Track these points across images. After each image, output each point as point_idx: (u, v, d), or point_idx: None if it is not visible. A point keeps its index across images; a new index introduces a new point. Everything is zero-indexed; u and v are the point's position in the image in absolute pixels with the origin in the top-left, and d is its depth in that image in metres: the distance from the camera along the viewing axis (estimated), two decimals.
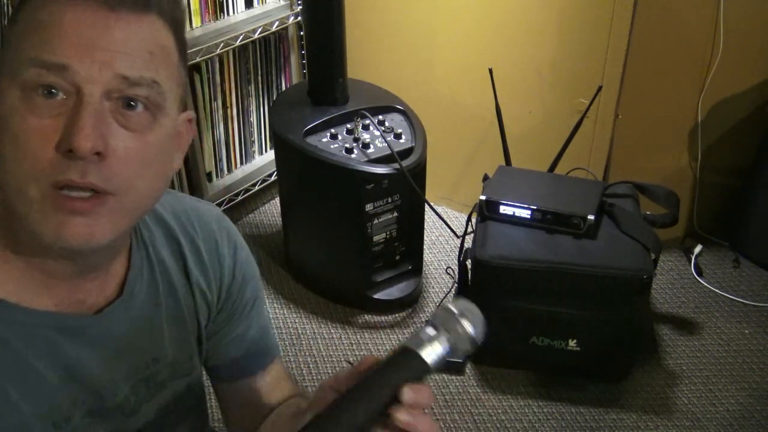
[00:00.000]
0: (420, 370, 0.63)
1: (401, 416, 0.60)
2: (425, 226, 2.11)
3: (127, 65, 0.64)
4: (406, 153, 1.91)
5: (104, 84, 0.63)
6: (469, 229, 2.02)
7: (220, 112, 2.29)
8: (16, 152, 0.63)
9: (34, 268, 0.70)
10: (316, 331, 2.01)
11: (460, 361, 1.86)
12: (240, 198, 2.38)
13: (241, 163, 2.44)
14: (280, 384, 0.94)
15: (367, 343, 1.96)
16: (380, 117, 2.01)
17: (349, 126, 1.96)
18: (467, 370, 1.88)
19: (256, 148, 2.48)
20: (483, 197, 1.82)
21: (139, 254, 0.80)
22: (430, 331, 0.64)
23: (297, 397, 0.94)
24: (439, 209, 2.21)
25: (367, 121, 1.97)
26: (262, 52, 2.38)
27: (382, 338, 1.98)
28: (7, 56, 0.66)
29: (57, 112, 0.62)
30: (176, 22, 0.70)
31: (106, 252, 0.72)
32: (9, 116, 0.63)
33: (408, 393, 0.61)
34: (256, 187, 2.43)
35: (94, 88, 0.62)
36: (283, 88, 2.49)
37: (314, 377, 1.86)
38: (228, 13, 2.23)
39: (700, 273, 2.22)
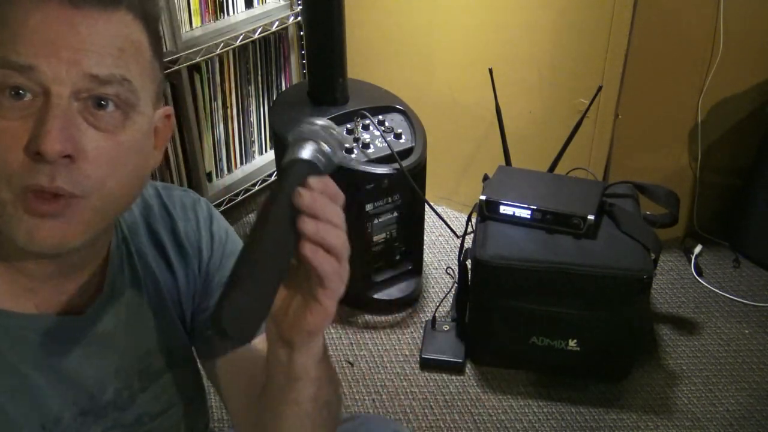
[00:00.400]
0: (307, 169, 0.65)
1: (305, 225, 0.61)
2: (425, 226, 2.11)
3: (95, 63, 0.62)
4: (406, 153, 1.91)
5: (72, 84, 0.61)
6: (469, 229, 2.02)
7: (220, 112, 2.29)
8: None
9: (16, 271, 0.69)
10: None
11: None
12: (240, 198, 2.38)
13: (241, 163, 2.44)
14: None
15: (367, 343, 1.96)
16: (380, 117, 2.01)
17: (349, 126, 1.96)
18: (467, 370, 1.88)
19: (256, 148, 2.48)
20: (483, 197, 1.82)
21: (119, 250, 0.79)
22: (296, 143, 0.67)
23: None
24: (439, 209, 2.21)
25: (367, 121, 1.97)
26: (262, 52, 2.38)
27: (382, 338, 1.98)
28: None
29: (25, 113, 0.61)
30: (148, 16, 0.68)
31: (85, 252, 0.71)
32: None
33: (311, 183, 0.63)
34: (256, 187, 2.43)
35: (62, 89, 0.61)
36: (283, 88, 2.49)
37: None
38: (228, 13, 2.23)
39: (700, 273, 2.22)
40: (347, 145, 1.90)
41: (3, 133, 0.61)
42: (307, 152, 0.66)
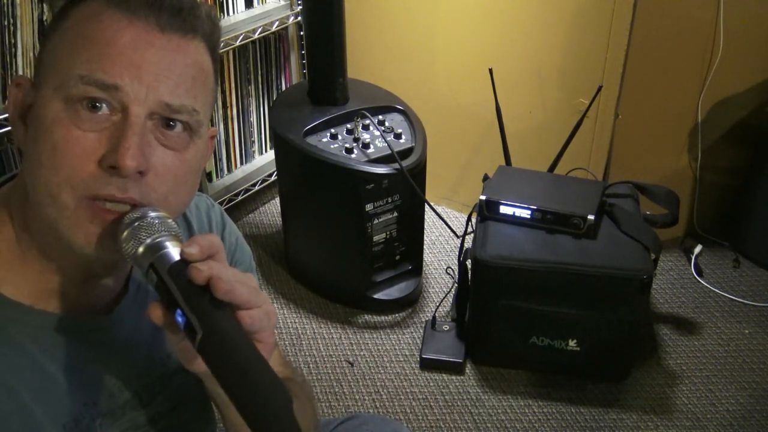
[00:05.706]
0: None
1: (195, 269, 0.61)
2: (425, 226, 2.11)
3: (171, 91, 0.66)
4: (406, 153, 1.91)
5: (149, 106, 0.65)
6: (469, 229, 2.02)
7: (220, 112, 2.29)
8: (54, 160, 0.64)
9: (52, 271, 0.71)
10: (316, 331, 2.01)
11: (456, 361, 1.86)
12: (240, 198, 2.38)
13: (241, 163, 2.44)
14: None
15: (367, 343, 1.96)
16: (380, 117, 2.01)
17: (349, 126, 1.96)
18: (467, 370, 1.88)
19: (256, 148, 2.48)
20: (483, 197, 1.82)
21: None
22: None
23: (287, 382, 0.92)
24: (439, 209, 2.21)
25: (367, 121, 1.97)
26: (262, 52, 2.38)
27: (382, 338, 1.98)
28: (51, 65, 0.66)
29: (100, 127, 0.64)
30: (214, 44, 0.72)
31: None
32: (51, 125, 0.64)
33: (189, 247, 0.62)
34: (256, 187, 2.43)
35: (141, 109, 0.64)
36: (283, 88, 2.49)
37: (314, 377, 1.86)
38: (228, 13, 2.23)
39: (700, 273, 2.22)
40: (347, 145, 1.90)
41: (77, 142, 0.64)
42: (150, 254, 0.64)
